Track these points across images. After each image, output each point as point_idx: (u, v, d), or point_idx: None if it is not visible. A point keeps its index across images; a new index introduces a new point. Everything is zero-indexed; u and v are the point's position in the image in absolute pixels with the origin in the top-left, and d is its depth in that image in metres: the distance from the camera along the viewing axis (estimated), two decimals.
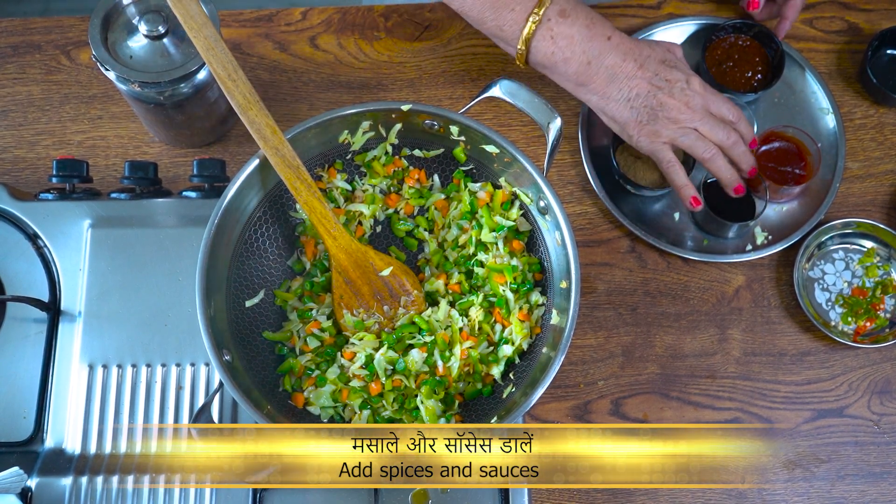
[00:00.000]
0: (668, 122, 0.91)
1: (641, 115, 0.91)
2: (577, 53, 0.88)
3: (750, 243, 1.03)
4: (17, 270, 0.91)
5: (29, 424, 0.86)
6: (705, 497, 0.95)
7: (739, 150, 0.94)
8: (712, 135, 0.92)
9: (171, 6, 0.77)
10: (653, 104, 0.90)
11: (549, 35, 0.88)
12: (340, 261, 0.86)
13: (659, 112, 0.90)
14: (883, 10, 1.15)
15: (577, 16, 0.88)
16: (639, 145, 0.93)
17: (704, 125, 0.92)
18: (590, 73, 0.89)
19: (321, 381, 0.85)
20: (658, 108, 0.90)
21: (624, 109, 0.91)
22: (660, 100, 0.90)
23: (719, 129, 0.92)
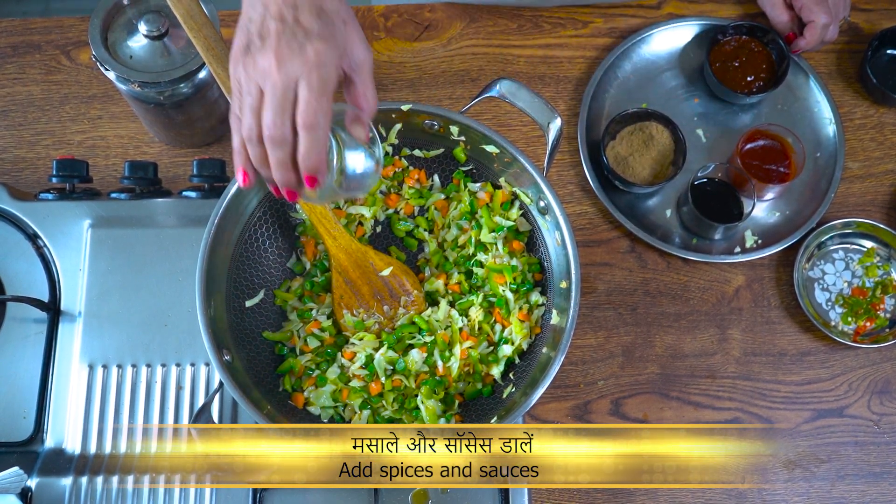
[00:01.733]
0: (252, 63, 0.66)
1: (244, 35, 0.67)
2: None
3: (739, 246, 1.03)
4: (17, 270, 0.91)
5: (29, 424, 0.86)
6: (705, 497, 0.95)
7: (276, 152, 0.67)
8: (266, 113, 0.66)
9: (171, 6, 0.77)
10: (262, 31, 0.66)
11: None
12: (340, 261, 0.86)
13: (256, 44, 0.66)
14: (883, 10, 1.15)
15: None
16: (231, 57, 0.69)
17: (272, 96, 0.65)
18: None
19: (321, 381, 0.85)
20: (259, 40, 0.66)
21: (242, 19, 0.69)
22: (270, 31, 0.66)
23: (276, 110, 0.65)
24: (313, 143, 0.66)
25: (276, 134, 0.66)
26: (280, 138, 0.66)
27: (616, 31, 1.13)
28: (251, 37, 0.66)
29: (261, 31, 0.66)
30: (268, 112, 0.65)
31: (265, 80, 0.65)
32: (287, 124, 0.66)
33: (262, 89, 0.66)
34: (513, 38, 1.12)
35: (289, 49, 0.65)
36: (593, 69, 1.10)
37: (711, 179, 1.03)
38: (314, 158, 0.67)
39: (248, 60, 0.66)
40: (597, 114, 1.08)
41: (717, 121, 1.09)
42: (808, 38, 1.05)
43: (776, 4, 1.07)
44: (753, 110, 1.10)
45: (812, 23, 1.04)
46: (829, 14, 1.04)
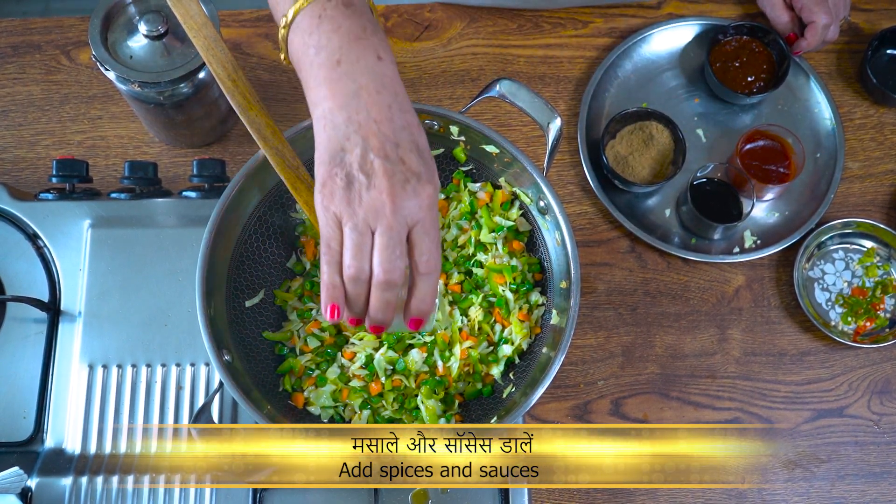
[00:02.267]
0: (358, 200, 0.63)
1: (341, 167, 0.64)
2: (333, 45, 0.66)
3: (738, 246, 1.03)
4: (17, 270, 0.91)
5: (29, 424, 0.86)
6: (705, 497, 0.95)
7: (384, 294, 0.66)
8: (381, 253, 0.64)
9: (171, 6, 0.77)
10: (365, 167, 0.64)
11: (318, 13, 0.68)
12: None
13: (361, 180, 0.63)
14: (883, 10, 1.15)
15: (361, 16, 0.68)
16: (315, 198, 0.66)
17: (388, 238, 0.64)
18: (333, 76, 0.66)
19: (321, 381, 0.85)
20: (364, 176, 0.63)
21: (333, 145, 0.65)
22: (376, 169, 0.63)
23: (397, 258, 0.64)
24: (430, 289, 0.67)
25: (391, 278, 0.64)
26: (393, 282, 0.65)
27: (616, 31, 1.13)
28: (352, 171, 0.64)
29: (363, 167, 0.64)
30: (383, 255, 0.64)
31: (377, 221, 0.63)
32: (402, 268, 0.65)
33: (373, 229, 0.64)
34: (513, 38, 1.12)
35: (402, 190, 0.63)
36: (593, 69, 1.10)
37: (711, 179, 1.03)
38: (429, 303, 0.67)
39: (353, 197, 0.63)
40: (597, 114, 1.08)
41: (717, 121, 1.09)
42: (808, 39, 1.05)
43: (776, 5, 1.07)
44: (754, 110, 1.10)
45: (813, 23, 1.04)
46: (830, 14, 1.04)
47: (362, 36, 0.67)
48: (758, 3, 1.11)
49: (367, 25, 0.68)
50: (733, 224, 1.00)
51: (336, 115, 0.65)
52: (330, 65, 0.66)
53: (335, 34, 0.67)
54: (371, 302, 0.66)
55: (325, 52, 0.66)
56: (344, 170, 0.64)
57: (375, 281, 0.65)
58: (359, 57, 0.66)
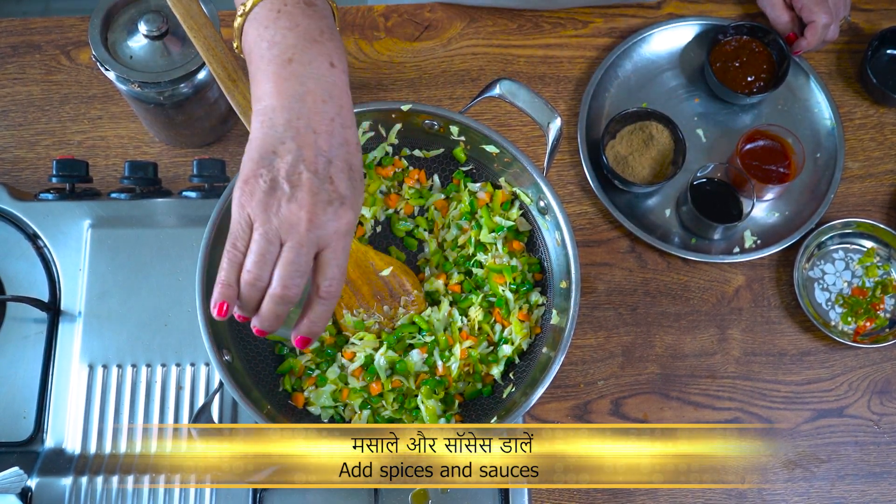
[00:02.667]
0: (276, 208, 0.62)
1: (268, 169, 0.62)
2: (287, 42, 0.65)
3: (738, 246, 1.03)
4: (17, 270, 0.91)
5: (29, 424, 0.86)
6: (705, 497, 0.95)
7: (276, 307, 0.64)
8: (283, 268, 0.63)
9: (171, 6, 0.77)
10: (292, 177, 0.62)
11: (277, 6, 0.67)
12: None
13: (285, 189, 0.62)
14: (883, 10, 1.15)
15: (322, 19, 0.67)
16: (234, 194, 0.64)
17: (296, 255, 0.63)
18: (282, 74, 0.64)
19: (321, 380, 0.85)
20: (289, 186, 0.62)
21: (266, 145, 0.63)
22: (303, 182, 0.62)
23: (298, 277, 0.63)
24: (325, 314, 0.66)
25: (287, 293, 0.63)
26: (289, 298, 0.64)
27: (616, 31, 1.13)
28: (278, 177, 0.62)
29: (290, 177, 0.62)
30: (286, 270, 0.63)
31: (290, 235, 0.62)
32: (301, 286, 0.64)
33: (283, 241, 0.63)
34: (513, 38, 1.12)
35: (322, 211, 0.62)
36: (593, 69, 1.10)
37: (711, 179, 1.03)
38: (320, 327, 0.66)
39: (272, 203, 0.62)
40: (597, 114, 1.08)
41: (717, 121, 1.09)
42: (808, 39, 1.05)
43: (776, 5, 1.07)
44: (754, 110, 1.10)
45: (813, 23, 1.04)
46: (830, 14, 1.04)
47: (318, 39, 0.66)
48: (758, 3, 1.11)
49: (324, 29, 0.66)
50: (733, 224, 1.00)
51: (277, 115, 0.63)
52: (280, 62, 0.64)
53: (291, 32, 0.65)
54: (262, 309, 0.64)
55: (277, 48, 0.65)
56: (270, 173, 0.62)
57: (271, 293, 0.63)
58: (311, 60, 0.65)
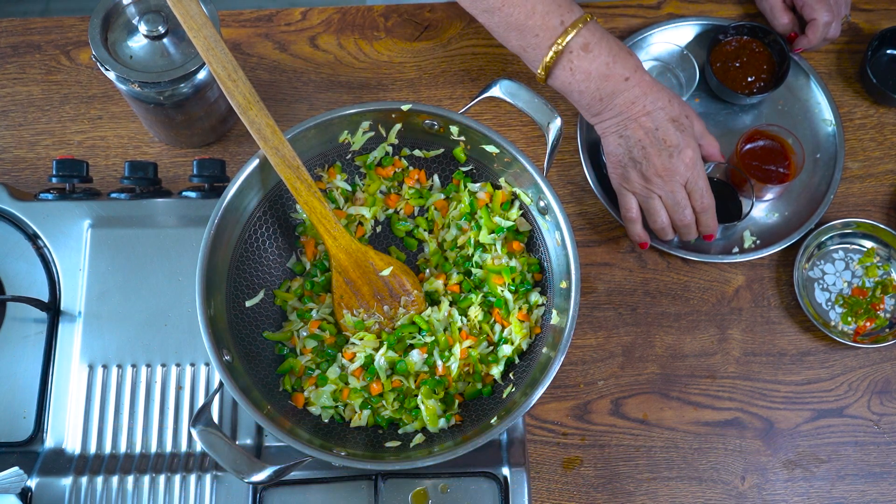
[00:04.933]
0: (640, 177, 0.92)
1: (624, 157, 0.92)
2: (591, 89, 0.90)
3: (738, 246, 1.03)
4: (17, 270, 0.91)
5: (29, 424, 0.86)
6: (705, 497, 0.95)
7: (689, 235, 0.97)
8: (673, 210, 0.94)
9: (171, 6, 0.77)
10: (637, 155, 0.91)
11: (568, 66, 0.89)
12: (341, 261, 0.86)
13: (639, 164, 0.92)
14: (883, 10, 1.15)
15: (600, 51, 0.88)
16: (611, 178, 0.96)
17: (669, 197, 0.93)
18: (600, 107, 0.91)
19: (322, 380, 0.85)
20: (640, 160, 0.91)
21: (614, 143, 0.93)
22: (646, 153, 0.91)
23: (680, 208, 0.94)
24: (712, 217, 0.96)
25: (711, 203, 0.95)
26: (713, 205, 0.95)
27: (616, 31, 1.13)
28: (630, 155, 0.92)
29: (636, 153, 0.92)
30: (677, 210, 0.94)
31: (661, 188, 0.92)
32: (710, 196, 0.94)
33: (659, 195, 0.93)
34: None
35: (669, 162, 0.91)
36: None
37: (711, 179, 1.03)
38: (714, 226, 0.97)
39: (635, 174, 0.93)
40: None
41: (717, 121, 1.09)
42: (809, 37, 1.05)
43: (776, 7, 1.07)
44: (754, 110, 1.10)
45: (814, 21, 1.04)
46: (831, 12, 1.04)
47: (608, 73, 0.89)
48: (757, 6, 1.11)
49: (608, 60, 0.89)
50: (733, 223, 1.00)
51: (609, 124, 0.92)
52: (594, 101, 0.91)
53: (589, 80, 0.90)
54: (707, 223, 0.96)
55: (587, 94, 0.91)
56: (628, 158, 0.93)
57: (702, 209, 0.94)
58: (613, 91, 0.90)
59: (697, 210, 0.94)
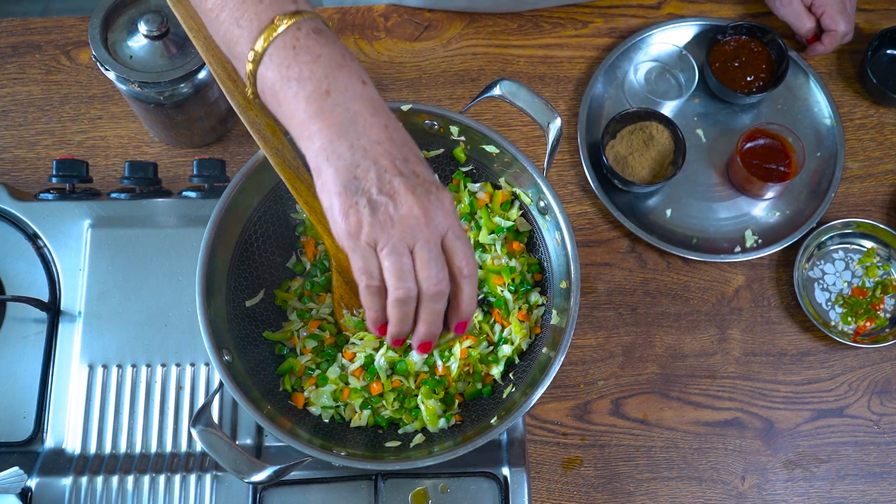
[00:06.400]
0: (389, 222, 0.63)
1: (359, 196, 0.63)
2: (317, 75, 0.64)
3: (739, 245, 1.03)
4: (17, 270, 0.91)
5: (29, 424, 0.86)
6: (705, 497, 0.95)
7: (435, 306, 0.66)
8: (427, 268, 0.64)
9: (172, 6, 0.77)
10: (384, 188, 0.63)
11: (291, 43, 0.65)
12: (340, 261, 0.86)
13: (387, 204, 0.63)
14: (883, 10, 1.16)
15: (335, 43, 0.67)
16: (336, 233, 0.64)
17: (428, 251, 0.64)
18: (325, 106, 0.64)
19: (322, 380, 0.85)
20: (388, 198, 0.63)
21: (344, 174, 0.63)
22: (396, 187, 0.63)
23: (442, 269, 0.65)
24: (473, 290, 0.67)
25: (441, 289, 0.65)
26: (443, 292, 0.65)
27: (616, 31, 1.13)
28: (372, 196, 0.63)
29: (383, 189, 0.63)
30: (430, 269, 0.64)
31: (415, 237, 0.63)
32: (447, 277, 0.65)
33: (411, 247, 0.64)
34: (513, 38, 1.13)
35: (429, 202, 0.64)
36: (593, 69, 1.10)
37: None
38: (474, 304, 0.68)
39: (384, 219, 0.63)
40: (597, 114, 1.08)
41: (716, 121, 1.10)
42: (827, 45, 1.08)
43: (800, 14, 1.08)
44: (753, 110, 1.10)
45: (833, 31, 1.07)
46: (850, 22, 1.07)
47: (343, 63, 0.65)
48: (777, 14, 1.11)
49: (343, 51, 0.66)
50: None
51: (337, 145, 0.63)
52: (318, 96, 0.64)
53: (316, 64, 0.65)
54: (422, 317, 0.66)
55: (310, 83, 0.64)
56: (364, 196, 0.63)
57: (427, 295, 0.65)
58: (346, 85, 0.65)
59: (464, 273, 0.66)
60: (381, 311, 0.66)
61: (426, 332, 0.67)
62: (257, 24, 0.65)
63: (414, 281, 0.64)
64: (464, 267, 0.66)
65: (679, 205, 1.06)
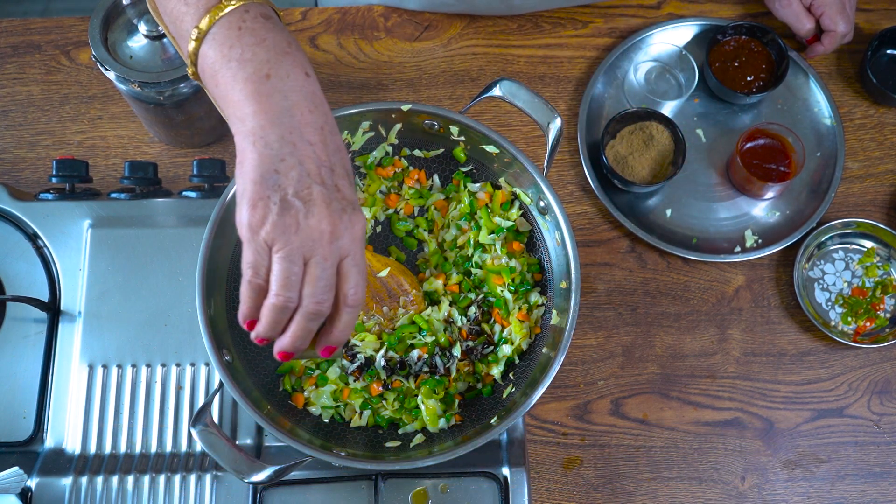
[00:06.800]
0: (294, 227, 0.61)
1: (274, 191, 0.61)
2: (259, 58, 0.63)
3: (739, 245, 1.03)
4: (17, 270, 0.91)
5: (29, 424, 0.86)
6: (705, 497, 0.95)
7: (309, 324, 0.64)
8: (314, 285, 0.62)
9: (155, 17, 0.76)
10: (301, 192, 0.61)
11: (237, 24, 0.64)
12: None
13: (298, 209, 0.61)
14: (883, 10, 1.16)
15: (282, 31, 0.66)
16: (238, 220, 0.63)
17: (321, 269, 0.62)
18: (263, 90, 0.62)
19: (322, 380, 0.85)
20: (302, 203, 0.61)
21: (266, 164, 0.61)
22: (314, 196, 0.61)
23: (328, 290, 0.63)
24: (352, 321, 0.65)
25: (320, 309, 0.63)
26: (322, 313, 0.63)
27: (616, 31, 1.13)
28: (287, 195, 0.61)
29: (300, 193, 0.61)
30: (317, 286, 0.62)
31: (313, 250, 0.61)
32: (331, 299, 0.63)
33: (307, 259, 0.62)
34: (513, 38, 1.12)
35: (340, 221, 0.62)
36: (593, 69, 1.10)
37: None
38: (347, 335, 0.66)
39: (290, 223, 0.61)
40: (597, 114, 1.08)
41: (716, 121, 1.10)
42: (826, 46, 1.08)
43: (800, 15, 1.08)
44: (753, 110, 1.10)
45: (833, 32, 1.07)
46: (849, 23, 1.07)
47: (288, 50, 0.64)
48: (777, 15, 1.11)
49: (290, 40, 0.65)
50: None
51: (268, 132, 0.62)
52: (258, 78, 0.62)
53: (260, 47, 0.63)
54: (293, 329, 0.64)
55: (251, 65, 0.63)
56: (278, 193, 0.61)
57: (305, 311, 0.63)
58: (288, 73, 0.63)
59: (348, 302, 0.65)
60: (254, 308, 0.64)
61: (290, 345, 0.64)
62: (204, 3, 0.64)
63: (297, 292, 0.62)
64: (350, 296, 0.64)
65: (679, 205, 1.06)
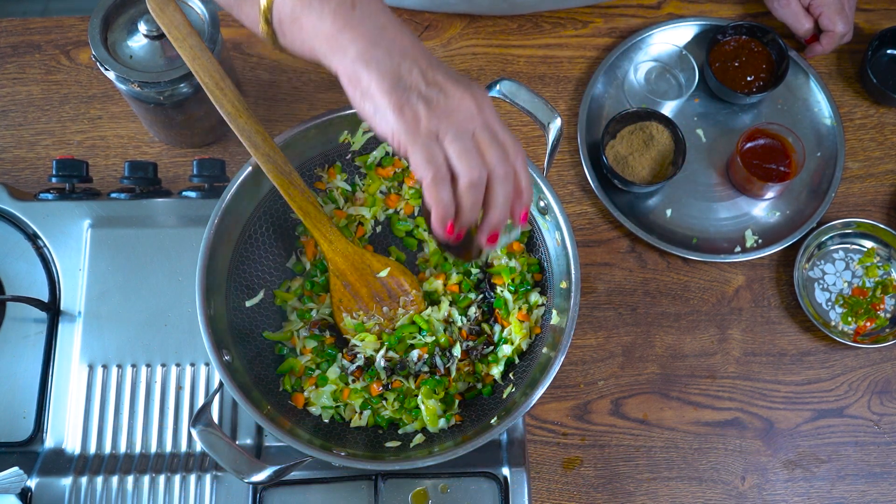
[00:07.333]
0: (446, 111, 0.64)
1: (409, 92, 0.64)
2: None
3: (739, 245, 1.03)
4: (17, 270, 0.91)
5: (29, 424, 0.86)
6: (705, 497, 0.95)
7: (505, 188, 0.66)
8: (490, 151, 0.65)
9: (155, 17, 0.76)
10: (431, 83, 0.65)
11: None
12: (337, 264, 0.86)
13: (434, 93, 0.64)
14: (883, 10, 1.16)
15: None
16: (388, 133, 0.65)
17: (488, 135, 0.65)
18: (354, 18, 0.65)
19: (322, 380, 0.85)
20: (437, 90, 0.64)
21: (389, 76, 0.64)
22: (441, 81, 0.65)
23: (499, 147, 0.66)
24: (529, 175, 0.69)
25: (507, 169, 0.66)
26: (510, 173, 0.66)
27: (616, 31, 1.13)
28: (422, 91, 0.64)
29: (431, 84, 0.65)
30: (493, 152, 0.65)
31: (473, 123, 0.65)
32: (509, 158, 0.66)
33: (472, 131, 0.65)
34: (513, 38, 1.12)
35: (473, 93, 0.65)
36: (593, 69, 1.10)
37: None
38: (531, 186, 0.69)
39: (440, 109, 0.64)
40: (597, 114, 1.08)
41: (716, 121, 1.10)
42: (825, 45, 1.08)
43: (798, 14, 1.08)
44: (753, 110, 1.10)
45: (832, 32, 1.07)
46: (848, 23, 1.07)
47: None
48: (775, 14, 1.11)
49: None
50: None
51: (373, 50, 0.64)
52: (345, 10, 0.65)
53: None
54: (495, 202, 0.66)
55: (332, 2, 0.65)
56: (414, 92, 0.64)
57: (497, 177, 0.65)
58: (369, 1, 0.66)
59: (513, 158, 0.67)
60: (448, 203, 0.65)
61: (498, 218, 0.67)
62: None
63: (482, 164, 0.65)
64: (513, 151, 0.66)
65: (679, 205, 1.06)
